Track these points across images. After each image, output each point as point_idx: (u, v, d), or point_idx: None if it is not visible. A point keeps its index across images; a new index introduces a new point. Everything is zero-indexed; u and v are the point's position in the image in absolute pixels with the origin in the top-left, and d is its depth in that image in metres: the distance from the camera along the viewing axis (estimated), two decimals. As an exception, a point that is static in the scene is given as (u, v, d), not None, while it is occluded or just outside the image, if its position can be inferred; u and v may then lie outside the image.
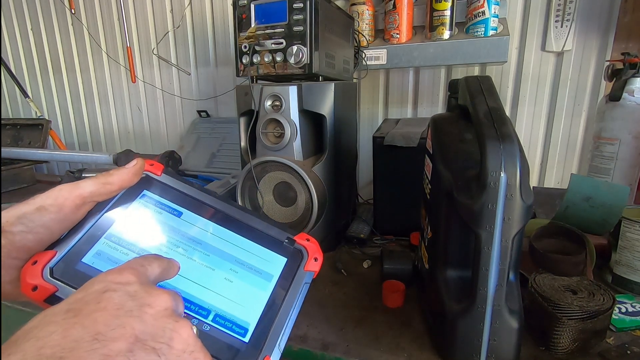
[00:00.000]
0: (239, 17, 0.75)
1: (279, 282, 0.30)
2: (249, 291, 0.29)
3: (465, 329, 0.45)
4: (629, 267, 0.61)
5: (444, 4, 0.93)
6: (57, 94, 1.68)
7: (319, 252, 0.33)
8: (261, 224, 0.33)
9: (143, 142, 1.59)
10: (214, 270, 0.29)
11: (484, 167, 0.41)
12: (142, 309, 0.21)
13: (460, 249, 0.50)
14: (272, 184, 0.77)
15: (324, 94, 0.73)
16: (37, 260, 0.25)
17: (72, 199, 0.27)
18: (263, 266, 0.31)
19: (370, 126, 1.21)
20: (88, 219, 0.29)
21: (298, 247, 0.33)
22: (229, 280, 0.29)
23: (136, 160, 0.31)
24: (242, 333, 0.27)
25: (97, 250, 0.28)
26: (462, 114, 0.54)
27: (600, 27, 0.95)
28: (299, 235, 0.34)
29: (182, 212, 0.32)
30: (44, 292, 0.25)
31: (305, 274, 0.31)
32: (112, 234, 0.29)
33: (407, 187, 0.82)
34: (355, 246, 0.83)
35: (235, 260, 0.30)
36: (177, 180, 0.34)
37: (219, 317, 0.27)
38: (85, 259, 0.27)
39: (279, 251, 0.32)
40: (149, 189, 0.32)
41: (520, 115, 1.07)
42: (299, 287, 0.30)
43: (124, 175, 0.30)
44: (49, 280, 0.25)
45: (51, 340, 0.18)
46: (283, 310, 0.29)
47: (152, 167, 0.33)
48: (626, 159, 0.81)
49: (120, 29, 1.46)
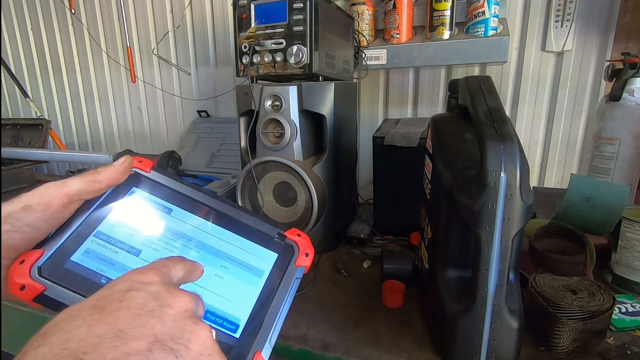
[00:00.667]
0: (239, 17, 0.75)
1: (270, 277, 0.30)
2: (239, 287, 0.29)
3: (465, 329, 0.45)
4: (629, 267, 0.61)
5: (444, 4, 0.93)
6: (57, 94, 1.68)
7: (310, 247, 0.33)
8: (252, 220, 0.33)
9: (143, 142, 1.59)
10: (205, 267, 0.29)
11: (484, 167, 0.41)
12: (162, 309, 0.21)
13: (460, 249, 0.50)
14: (272, 184, 0.77)
15: (324, 94, 0.73)
16: (24, 259, 0.25)
17: (60, 197, 0.27)
18: (254, 262, 0.31)
19: (370, 126, 1.21)
20: (76, 217, 0.28)
21: (289, 242, 0.33)
22: (220, 277, 0.29)
23: (124, 158, 0.31)
24: (233, 329, 0.27)
25: (86, 248, 0.28)
26: (462, 114, 0.54)
27: (600, 27, 0.95)
28: (290, 231, 0.34)
29: (172, 209, 0.32)
30: (32, 292, 0.25)
31: (296, 269, 0.32)
32: (100, 231, 0.29)
33: (407, 187, 0.82)
34: (355, 246, 0.83)
35: (225, 256, 0.31)
36: (167, 177, 0.33)
37: (210, 313, 0.27)
38: (73, 257, 0.27)
39: (269, 247, 0.32)
40: (138, 186, 0.32)
41: (520, 115, 1.07)
42: (289, 282, 0.31)
43: (111, 173, 0.30)
44: (37, 280, 0.25)
45: (77, 334, 0.19)
46: (274, 305, 0.29)
47: (140, 164, 0.33)
48: (626, 159, 0.81)
49: (120, 29, 1.46)
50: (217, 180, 1.02)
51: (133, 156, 0.32)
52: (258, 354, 0.26)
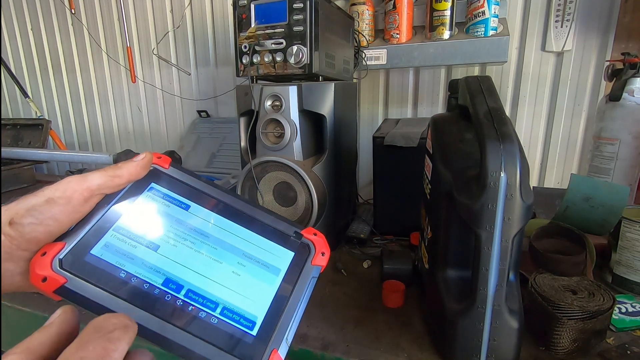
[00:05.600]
0: (239, 17, 0.75)
1: (287, 276, 0.30)
2: (256, 285, 0.29)
3: (465, 329, 0.45)
4: (629, 267, 0.61)
5: (444, 4, 0.93)
6: (57, 94, 1.68)
7: (326, 246, 0.33)
8: (268, 218, 0.33)
9: (143, 142, 1.59)
10: (222, 264, 0.29)
11: (484, 167, 0.41)
12: None
13: (460, 249, 0.50)
14: (272, 184, 0.77)
15: (324, 94, 0.73)
16: (46, 251, 0.26)
17: (81, 191, 0.27)
18: (270, 260, 0.31)
19: (370, 126, 1.21)
20: (96, 211, 0.29)
21: (305, 241, 0.33)
22: (237, 274, 0.29)
23: (144, 154, 0.31)
24: (249, 326, 0.27)
25: (106, 242, 0.28)
26: (462, 114, 0.54)
27: (600, 27, 0.95)
28: (307, 230, 0.34)
29: (190, 205, 0.32)
30: (53, 284, 0.25)
31: (313, 268, 0.32)
32: (120, 226, 0.29)
33: (407, 187, 0.82)
34: (355, 246, 0.83)
35: (242, 253, 0.30)
36: (185, 174, 0.34)
37: (227, 310, 0.27)
38: (93, 250, 0.27)
39: (286, 245, 0.32)
40: (156, 182, 0.32)
41: (520, 115, 1.07)
42: (306, 281, 0.31)
43: (132, 169, 0.30)
44: (58, 272, 0.25)
45: None
46: (290, 304, 0.29)
47: (159, 160, 0.33)
48: (626, 159, 0.81)
49: (120, 29, 1.46)
50: (217, 180, 1.02)
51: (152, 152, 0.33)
52: (275, 352, 0.26)
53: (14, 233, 0.25)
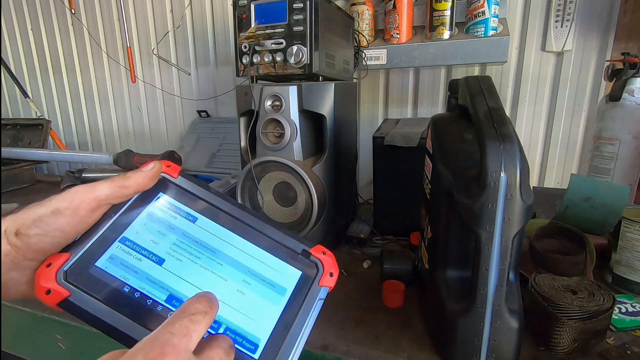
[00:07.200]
0: (239, 17, 0.75)
1: (293, 297, 0.29)
2: (261, 305, 0.28)
3: (465, 329, 0.45)
4: (629, 267, 0.61)
5: (444, 4, 0.93)
6: (57, 94, 1.68)
7: (335, 266, 0.32)
8: (277, 234, 0.32)
9: (143, 142, 1.59)
10: (227, 281, 0.28)
11: (484, 167, 0.41)
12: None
13: (460, 249, 0.50)
14: (272, 184, 0.77)
15: (324, 94, 0.73)
16: (51, 262, 0.25)
17: (88, 201, 0.27)
18: (277, 279, 0.30)
19: (370, 126, 1.21)
20: (102, 222, 0.28)
21: (314, 260, 0.32)
22: (242, 292, 0.28)
23: (153, 163, 0.30)
24: (252, 349, 0.26)
25: (111, 254, 0.28)
26: (462, 114, 0.54)
27: (600, 27, 0.95)
28: (315, 248, 0.32)
29: (197, 218, 0.31)
30: (57, 296, 0.25)
31: (320, 290, 0.30)
32: (126, 237, 0.29)
33: (407, 187, 0.82)
34: (355, 246, 0.83)
35: (248, 270, 0.29)
36: (193, 184, 0.33)
37: (230, 330, 0.26)
38: (98, 262, 0.27)
39: (293, 264, 0.31)
40: (164, 192, 0.31)
41: (520, 115, 1.07)
42: (312, 303, 0.29)
43: (140, 179, 0.29)
44: (62, 284, 0.25)
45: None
46: (295, 327, 0.28)
47: (168, 169, 0.32)
48: (626, 159, 0.81)
49: (120, 29, 1.46)
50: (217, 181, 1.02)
51: (161, 160, 0.32)
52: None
53: (20, 243, 0.25)
